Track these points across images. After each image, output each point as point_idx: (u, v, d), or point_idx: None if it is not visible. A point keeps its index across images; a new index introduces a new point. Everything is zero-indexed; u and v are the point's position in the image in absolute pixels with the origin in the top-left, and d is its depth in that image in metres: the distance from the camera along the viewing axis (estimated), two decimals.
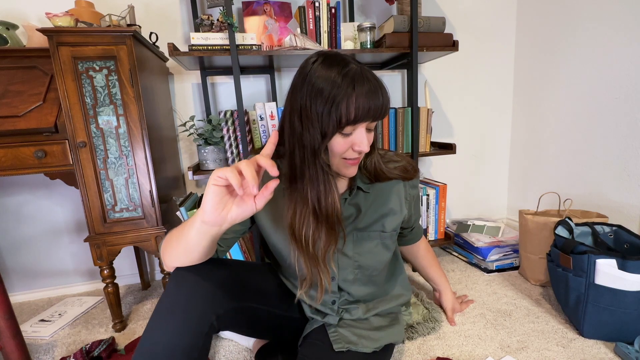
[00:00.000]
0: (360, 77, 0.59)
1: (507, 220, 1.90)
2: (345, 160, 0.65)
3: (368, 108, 0.58)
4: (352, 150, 0.63)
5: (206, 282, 0.64)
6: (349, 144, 0.62)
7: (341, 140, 0.62)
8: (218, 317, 0.63)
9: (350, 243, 0.77)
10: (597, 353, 0.92)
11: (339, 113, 0.58)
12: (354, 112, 0.58)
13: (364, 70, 0.60)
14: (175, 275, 0.64)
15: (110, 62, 1.00)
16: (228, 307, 0.65)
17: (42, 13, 1.26)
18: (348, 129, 0.60)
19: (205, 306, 0.61)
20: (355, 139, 0.62)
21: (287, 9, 1.35)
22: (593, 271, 0.94)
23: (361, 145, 0.61)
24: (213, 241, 0.58)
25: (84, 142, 1.02)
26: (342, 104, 0.57)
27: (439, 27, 1.31)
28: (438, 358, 0.91)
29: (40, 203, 1.40)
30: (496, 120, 1.80)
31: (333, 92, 0.57)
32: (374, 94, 0.59)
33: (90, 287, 1.52)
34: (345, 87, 0.57)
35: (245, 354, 1.01)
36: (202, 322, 0.60)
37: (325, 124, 0.59)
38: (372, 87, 0.59)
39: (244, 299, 0.69)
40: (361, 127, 0.62)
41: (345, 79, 0.58)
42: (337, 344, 0.73)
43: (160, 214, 1.11)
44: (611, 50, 1.27)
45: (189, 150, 1.50)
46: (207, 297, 0.62)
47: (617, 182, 1.30)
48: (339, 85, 0.57)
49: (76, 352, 0.96)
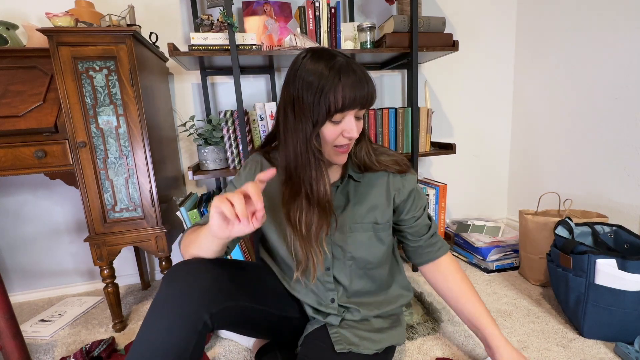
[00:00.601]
0: (346, 68, 0.63)
1: (507, 220, 1.91)
2: (336, 148, 0.70)
3: (354, 97, 0.63)
4: (342, 137, 0.68)
5: (199, 280, 0.64)
6: (339, 131, 0.67)
7: (331, 127, 0.66)
8: (212, 315, 0.63)
9: (343, 234, 0.78)
10: (597, 353, 0.92)
11: (328, 102, 0.63)
12: (342, 100, 0.63)
13: (350, 62, 0.65)
14: (168, 273, 0.65)
15: (110, 62, 1.00)
16: (222, 306, 0.65)
17: (42, 13, 1.26)
18: (337, 117, 0.65)
19: (198, 304, 0.61)
20: (345, 126, 0.66)
21: (287, 9, 1.36)
22: (593, 271, 0.94)
23: (350, 132, 0.66)
24: (223, 246, 0.68)
25: (84, 142, 1.02)
26: (330, 93, 0.62)
27: (439, 27, 1.31)
28: (437, 359, 0.91)
29: (40, 203, 1.40)
30: (496, 120, 1.80)
31: (321, 83, 0.62)
32: (359, 84, 0.63)
33: (90, 287, 1.52)
34: (332, 78, 0.62)
35: (245, 354, 1.01)
36: (195, 319, 0.60)
37: (316, 113, 0.64)
38: (357, 77, 0.63)
39: (239, 297, 0.69)
40: (350, 114, 0.66)
41: (332, 71, 0.62)
42: (338, 344, 0.73)
43: (160, 214, 1.11)
44: (611, 50, 1.27)
45: (189, 150, 1.50)
46: (200, 294, 0.62)
47: (617, 182, 1.30)
48: (326, 76, 0.62)
49: (76, 352, 0.96)
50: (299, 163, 0.68)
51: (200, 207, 1.22)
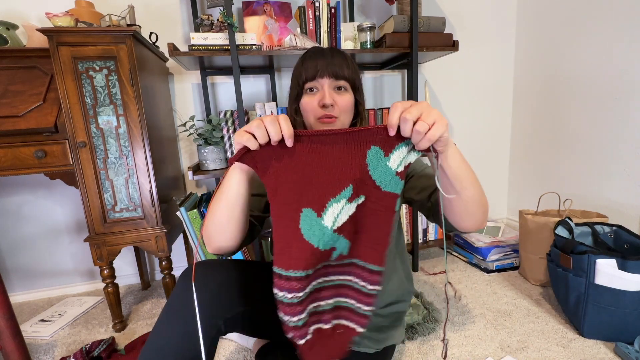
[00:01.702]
0: (314, 49, 0.74)
1: (507, 220, 1.90)
2: (319, 120, 0.72)
3: (315, 64, 0.70)
4: (319, 107, 0.71)
5: (214, 285, 0.64)
6: (316, 101, 0.71)
7: (307, 98, 0.72)
8: (225, 320, 0.63)
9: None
10: (597, 353, 0.92)
11: (298, 75, 0.73)
12: (304, 70, 0.71)
13: (324, 47, 0.74)
14: (184, 275, 0.64)
15: (110, 62, 1.00)
16: (236, 311, 0.66)
17: (42, 13, 1.25)
18: (308, 85, 0.71)
19: (214, 310, 0.61)
20: (320, 95, 0.71)
21: (287, 9, 1.35)
22: (593, 271, 0.94)
23: (324, 99, 0.69)
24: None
25: (84, 142, 1.02)
26: (300, 68, 0.72)
27: (439, 27, 1.31)
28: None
29: (40, 203, 1.40)
30: (496, 120, 1.80)
31: (297, 66, 0.74)
32: (322, 55, 0.71)
33: (90, 287, 1.52)
34: (301, 59, 0.74)
35: (245, 354, 1.01)
36: (210, 326, 0.60)
37: (294, 91, 0.74)
38: (322, 51, 0.72)
39: (250, 301, 0.69)
40: (322, 83, 0.70)
41: (304, 55, 0.74)
42: None
43: (160, 214, 1.11)
44: (610, 50, 1.27)
45: (189, 150, 1.50)
46: (216, 300, 0.62)
47: (617, 182, 1.30)
48: (300, 61, 0.74)
49: (76, 352, 0.96)
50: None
51: (200, 207, 1.22)
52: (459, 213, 0.60)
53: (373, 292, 0.55)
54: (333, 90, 0.71)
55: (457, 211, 0.60)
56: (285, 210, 0.52)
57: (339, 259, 0.55)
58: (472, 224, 0.62)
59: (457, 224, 0.63)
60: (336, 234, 0.52)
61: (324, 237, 0.51)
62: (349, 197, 0.52)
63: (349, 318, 0.58)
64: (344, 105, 0.71)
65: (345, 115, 0.73)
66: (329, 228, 0.52)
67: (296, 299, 0.51)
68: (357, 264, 0.56)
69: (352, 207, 0.53)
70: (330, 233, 0.52)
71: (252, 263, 0.80)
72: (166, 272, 1.19)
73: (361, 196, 0.53)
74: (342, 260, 0.56)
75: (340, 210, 0.52)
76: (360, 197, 0.53)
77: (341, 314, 0.58)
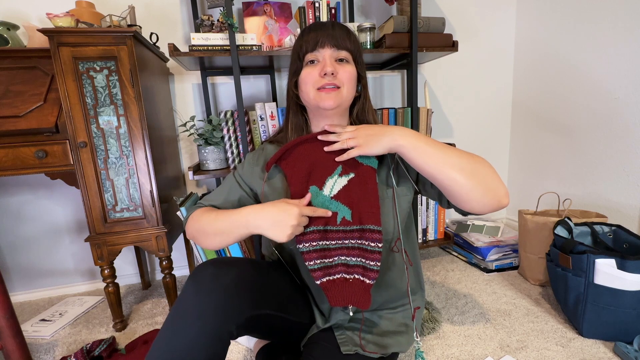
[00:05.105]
0: (315, 22, 0.75)
1: (507, 220, 1.91)
2: (319, 90, 0.72)
3: (315, 35, 0.71)
4: (320, 76, 0.71)
5: (227, 289, 0.61)
6: (317, 71, 0.71)
7: (308, 69, 0.72)
8: (237, 326, 0.62)
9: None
10: (597, 352, 0.93)
11: (298, 48, 0.73)
12: (305, 42, 0.72)
13: (326, 21, 0.75)
14: (194, 277, 0.62)
15: (110, 63, 1.01)
16: (247, 316, 0.64)
17: (42, 13, 1.26)
18: (309, 56, 0.72)
19: (226, 316, 0.60)
20: (321, 65, 0.71)
21: (287, 10, 1.36)
22: (592, 271, 0.94)
23: (325, 68, 0.70)
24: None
25: (84, 142, 1.02)
26: (300, 41, 0.73)
27: (439, 27, 1.31)
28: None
29: (41, 203, 1.40)
30: (496, 120, 1.80)
31: (297, 40, 0.75)
32: (321, 26, 0.72)
33: (90, 286, 1.52)
34: (301, 33, 0.74)
35: (245, 354, 1.01)
36: (222, 331, 0.59)
37: (293, 65, 0.76)
38: (322, 23, 0.73)
39: (263, 306, 0.68)
40: (323, 53, 0.71)
41: (304, 28, 0.74)
42: (344, 346, 0.72)
43: (160, 214, 1.12)
44: (611, 50, 1.28)
45: (189, 150, 1.50)
46: (228, 305, 0.60)
47: (617, 182, 1.30)
48: (300, 34, 0.74)
49: (77, 352, 0.97)
50: (289, 117, 0.81)
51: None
52: (460, 201, 0.66)
53: (376, 249, 0.67)
54: (335, 61, 0.71)
55: (458, 199, 0.66)
56: (299, 188, 0.72)
57: (344, 223, 0.69)
58: (479, 208, 0.66)
59: (464, 208, 0.68)
60: (333, 200, 0.70)
61: (325, 203, 0.70)
62: (340, 173, 0.72)
63: (359, 273, 0.68)
64: (346, 76, 0.71)
65: (347, 88, 0.73)
66: (327, 196, 0.71)
67: (312, 248, 0.68)
68: (363, 228, 0.69)
69: (344, 180, 0.71)
70: (329, 199, 0.70)
71: (262, 263, 0.77)
72: (167, 271, 1.19)
73: (350, 173, 0.72)
74: (348, 226, 0.69)
75: (334, 183, 0.72)
76: (350, 173, 0.72)
77: (352, 269, 0.69)
